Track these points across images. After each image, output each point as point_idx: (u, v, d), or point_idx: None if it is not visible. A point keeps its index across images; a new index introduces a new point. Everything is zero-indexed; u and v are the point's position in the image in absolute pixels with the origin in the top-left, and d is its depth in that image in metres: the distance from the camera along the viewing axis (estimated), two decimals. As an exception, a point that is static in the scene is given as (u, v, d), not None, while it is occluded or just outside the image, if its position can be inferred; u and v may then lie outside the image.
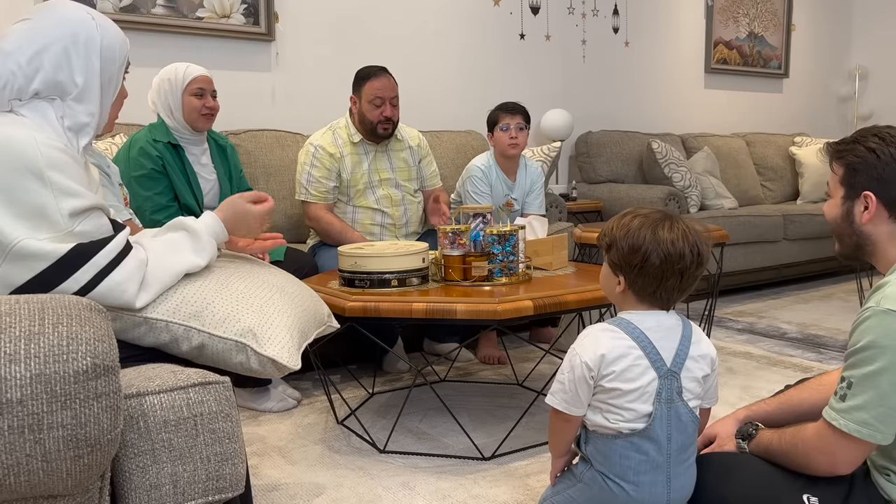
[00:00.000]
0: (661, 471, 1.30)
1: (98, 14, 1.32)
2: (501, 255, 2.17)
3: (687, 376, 1.30)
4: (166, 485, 1.04)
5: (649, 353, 1.28)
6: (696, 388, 1.31)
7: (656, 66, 5.03)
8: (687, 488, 1.35)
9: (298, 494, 1.88)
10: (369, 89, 2.82)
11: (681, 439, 1.30)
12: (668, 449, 1.29)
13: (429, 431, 2.29)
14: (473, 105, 4.19)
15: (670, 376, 1.29)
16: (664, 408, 1.28)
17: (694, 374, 1.31)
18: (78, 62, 1.26)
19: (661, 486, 1.31)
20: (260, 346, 1.25)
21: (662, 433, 1.28)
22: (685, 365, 1.30)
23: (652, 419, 1.28)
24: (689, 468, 1.34)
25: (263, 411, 2.47)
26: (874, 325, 1.18)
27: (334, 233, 2.85)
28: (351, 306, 1.96)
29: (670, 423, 1.29)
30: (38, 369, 0.89)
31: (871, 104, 6.12)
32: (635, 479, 1.29)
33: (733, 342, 3.29)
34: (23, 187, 1.14)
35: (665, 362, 1.29)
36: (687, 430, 1.31)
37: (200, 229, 1.36)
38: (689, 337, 1.32)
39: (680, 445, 1.30)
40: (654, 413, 1.27)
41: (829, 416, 1.24)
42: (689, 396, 1.31)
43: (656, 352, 1.29)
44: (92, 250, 1.18)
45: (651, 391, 1.28)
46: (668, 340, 1.30)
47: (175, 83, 2.51)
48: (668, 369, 1.29)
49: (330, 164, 2.86)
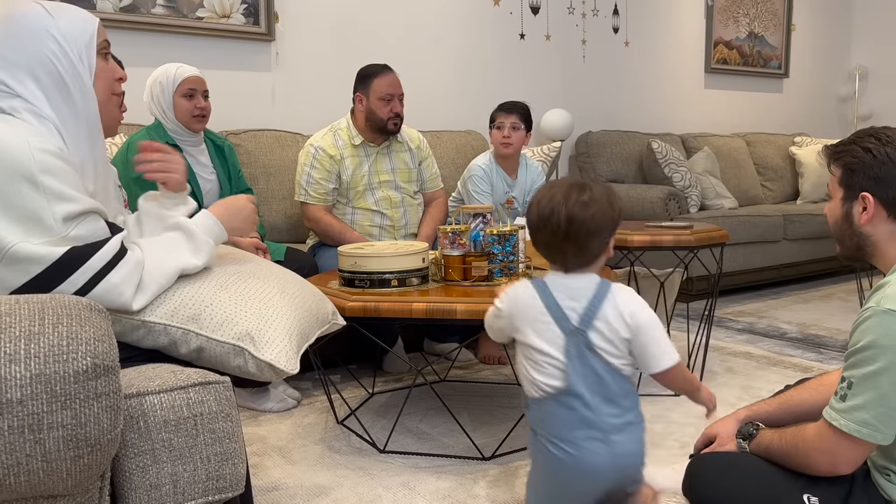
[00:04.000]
0: (595, 428, 1.35)
1: (49, 3, 1.28)
2: (501, 255, 2.17)
3: (597, 335, 1.35)
4: (166, 485, 1.04)
5: (553, 310, 1.37)
6: (612, 348, 1.35)
7: (656, 66, 5.03)
8: (633, 456, 1.37)
9: (298, 494, 1.88)
10: (378, 86, 2.82)
11: (603, 392, 1.35)
12: (594, 403, 1.35)
13: (429, 431, 2.29)
14: (473, 105, 4.19)
15: (577, 334, 1.35)
16: (576, 363, 1.35)
17: (605, 335, 1.35)
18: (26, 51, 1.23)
19: (599, 444, 1.35)
20: (257, 351, 1.24)
21: (582, 387, 1.35)
22: (593, 324, 1.35)
23: (567, 374, 1.35)
24: (630, 433, 1.36)
25: (263, 411, 2.47)
26: (875, 325, 1.18)
27: (333, 234, 2.85)
28: (351, 306, 1.96)
29: (587, 378, 1.35)
30: (38, 369, 0.89)
31: (871, 104, 6.12)
32: (571, 437, 1.35)
33: (733, 342, 3.29)
34: (16, 192, 1.13)
35: (570, 321, 1.36)
36: (608, 385, 1.35)
37: (196, 229, 1.34)
38: (601, 299, 1.37)
39: (604, 399, 1.35)
40: (566, 369, 1.35)
41: (829, 415, 1.24)
42: (605, 354, 1.35)
43: (560, 310, 1.37)
44: (87, 253, 1.18)
45: (559, 346, 1.36)
46: (575, 301, 1.37)
47: (166, 84, 2.51)
48: (575, 327, 1.35)
49: (330, 165, 2.86)
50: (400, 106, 2.87)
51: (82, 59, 1.28)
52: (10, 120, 1.21)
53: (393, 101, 2.84)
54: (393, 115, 2.85)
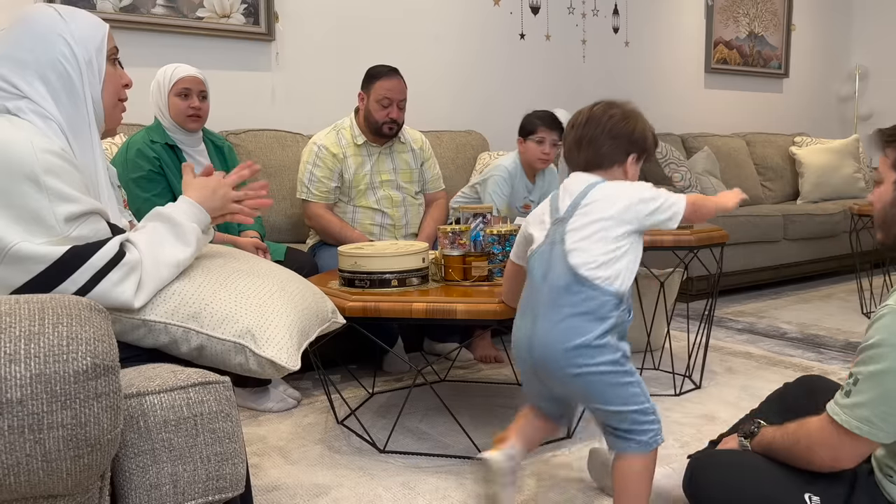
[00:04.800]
0: (530, 305, 1.52)
1: (63, 7, 1.32)
2: (501, 255, 2.17)
3: (575, 224, 1.50)
4: (166, 485, 1.04)
5: (552, 203, 1.60)
6: (588, 234, 1.48)
7: (656, 66, 5.03)
8: (552, 345, 1.45)
9: (298, 494, 1.88)
10: (379, 89, 2.82)
11: (552, 280, 1.48)
12: (541, 285, 1.50)
13: (429, 431, 2.29)
14: (473, 105, 4.19)
15: (559, 223, 1.53)
16: (547, 247, 1.53)
17: (584, 221, 1.49)
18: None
19: (527, 321, 1.51)
20: (258, 348, 1.25)
21: (538, 268, 1.52)
22: (574, 215, 1.52)
23: (534, 252, 1.56)
24: (558, 322, 1.45)
25: (263, 411, 2.47)
26: (888, 324, 1.17)
27: (333, 231, 2.85)
28: (351, 306, 1.96)
29: (547, 264, 1.50)
30: (38, 369, 0.89)
31: (871, 104, 6.12)
32: (520, 310, 1.57)
33: (733, 342, 3.29)
34: (19, 192, 1.14)
35: (559, 211, 1.55)
36: (557, 271, 1.48)
37: (179, 217, 1.33)
38: (585, 193, 1.54)
39: (551, 287, 1.47)
40: (537, 248, 1.55)
41: (832, 410, 1.24)
42: (572, 242, 1.48)
43: (556, 202, 1.58)
44: (88, 252, 1.18)
45: (544, 231, 1.56)
46: (569, 196, 1.56)
47: (162, 84, 2.52)
48: (559, 217, 1.54)
49: (332, 164, 2.86)
50: (398, 112, 2.85)
51: (92, 63, 1.31)
52: (14, 120, 1.22)
53: (390, 107, 2.83)
54: (388, 119, 2.84)
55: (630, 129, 1.58)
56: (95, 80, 1.32)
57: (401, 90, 2.85)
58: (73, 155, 1.26)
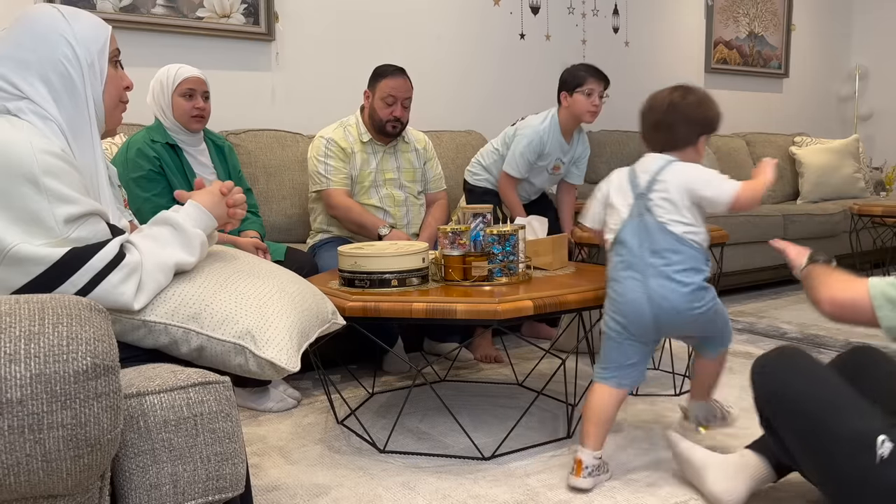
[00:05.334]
0: (636, 269, 1.79)
1: (66, 7, 1.33)
2: (501, 255, 2.17)
3: (656, 198, 1.80)
4: (166, 484, 1.04)
5: (631, 177, 1.87)
6: (670, 206, 1.78)
7: (656, 66, 5.03)
8: (670, 301, 1.76)
9: (298, 494, 1.88)
10: (384, 87, 2.83)
11: (649, 244, 1.78)
12: (640, 252, 1.79)
13: (429, 431, 2.29)
14: (473, 105, 4.19)
15: (641, 197, 1.82)
16: (634, 220, 1.81)
17: (664, 195, 1.79)
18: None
19: (637, 283, 1.78)
20: (258, 349, 1.24)
21: (632, 238, 1.80)
22: (653, 189, 1.81)
23: (623, 226, 1.82)
24: (668, 279, 1.76)
25: (263, 411, 2.47)
26: None
27: (355, 216, 2.85)
28: (351, 306, 1.96)
29: (640, 233, 1.79)
30: (38, 369, 0.89)
31: (871, 104, 6.12)
32: (616, 276, 1.83)
33: (733, 342, 3.29)
34: (18, 193, 1.13)
35: (640, 187, 1.83)
36: (655, 238, 1.78)
37: (185, 222, 1.33)
38: (661, 170, 1.82)
39: (650, 250, 1.78)
40: (622, 225, 1.83)
41: (872, 280, 1.28)
42: (661, 213, 1.78)
43: (636, 177, 1.86)
44: (88, 254, 1.18)
45: (628, 205, 1.83)
46: (646, 174, 1.84)
47: (165, 84, 2.51)
48: (640, 192, 1.83)
49: (343, 155, 2.88)
50: (402, 110, 2.86)
51: (94, 65, 1.31)
52: (14, 121, 1.22)
53: (394, 105, 2.84)
54: (392, 118, 2.85)
55: (703, 114, 1.85)
56: (97, 82, 1.32)
57: (406, 89, 2.85)
58: (73, 156, 1.26)
